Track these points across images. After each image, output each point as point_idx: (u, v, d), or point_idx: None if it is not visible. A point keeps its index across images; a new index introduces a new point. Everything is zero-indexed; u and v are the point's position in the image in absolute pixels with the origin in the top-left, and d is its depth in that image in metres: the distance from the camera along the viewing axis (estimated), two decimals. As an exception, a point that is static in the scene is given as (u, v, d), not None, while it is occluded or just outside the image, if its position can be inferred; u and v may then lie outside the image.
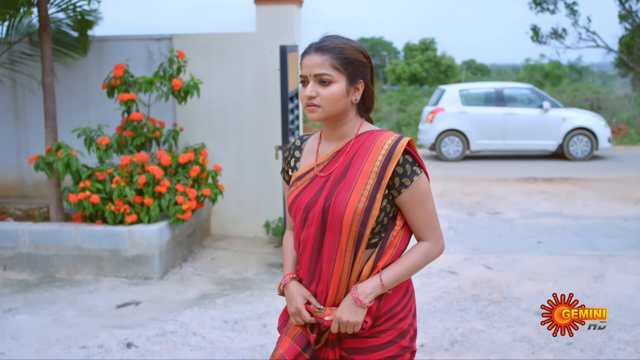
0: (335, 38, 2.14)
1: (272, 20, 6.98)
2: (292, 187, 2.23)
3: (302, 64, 2.13)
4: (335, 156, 2.18)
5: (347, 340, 2.20)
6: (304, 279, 2.23)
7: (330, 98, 2.08)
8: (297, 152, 2.31)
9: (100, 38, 7.24)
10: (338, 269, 2.12)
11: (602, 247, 7.09)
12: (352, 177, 2.11)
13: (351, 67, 2.10)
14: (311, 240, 2.15)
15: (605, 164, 13.49)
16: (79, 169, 6.00)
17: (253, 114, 7.17)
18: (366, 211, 2.08)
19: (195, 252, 6.83)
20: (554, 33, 18.92)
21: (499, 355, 4.43)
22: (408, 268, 2.16)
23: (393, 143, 2.12)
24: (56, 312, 5.16)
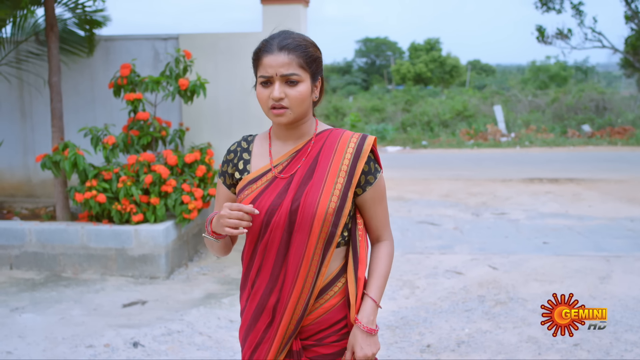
0: (293, 34, 2.06)
1: (279, 20, 6.97)
2: (246, 190, 2.12)
3: (263, 63, 2.01)
4: (295, 156, 2.11)
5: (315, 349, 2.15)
6: (263, 288, 2.10)
7: (299, 98, 2.01)
8: (246, 154, 2.18)
9: (106, 37, 7.25)
10: (304, 272, 2.05)
11: (608, 248, 7.07)
12: (320, 177, 2.06)
13: (314, 64, 2.06)
14: (277, 243, 2.06)
15: (611, 164, 13.45)
16: (86, 168, 6.01)
17: (259, 113, 7.13)
18: (338, 210, 2.04)
19: (201, 252, 6.83)
20: (559, 33, 18.88)
21: (506, 356, 4.42)
22: (385, 277, 2.17)
23: (359, 141, 2.10)
24: (62, 311, 5.17)
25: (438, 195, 10.50)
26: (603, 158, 14.59)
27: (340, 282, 2.14)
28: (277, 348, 2.12)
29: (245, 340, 2.19)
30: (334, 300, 2.13)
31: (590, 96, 23.44)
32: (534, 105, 24.31)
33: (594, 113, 22.36)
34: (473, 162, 14.27)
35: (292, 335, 2.11)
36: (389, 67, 45.11)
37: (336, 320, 2.13)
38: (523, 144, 17.40)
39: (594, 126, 20.15)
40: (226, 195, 2.24)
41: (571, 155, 15.29)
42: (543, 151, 16.23)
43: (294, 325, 2.10)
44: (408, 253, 6.95)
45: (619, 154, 15.38)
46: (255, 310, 2.14)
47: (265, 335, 2.13)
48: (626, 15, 18.70)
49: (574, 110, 22.72)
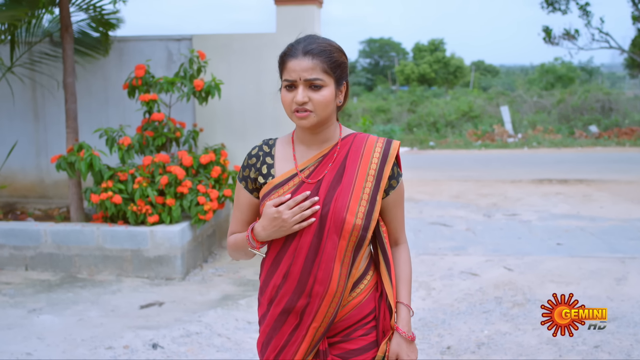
0: (318, 39, 2.07)
1: (293, 20, 6.96)
2: (272, 194, 2.10)
3: (287, 67, 2.03)
4: (322, 161, 2.12)
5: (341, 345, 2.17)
6: (290, 294, 2.09)
7: (323, 103, 2.01)
8: (269, 159, 2.17)
9: (120, 38, 7.25)
10: (336, 276, 2.06)
11: (622, 250, 7.05)
12: (349, 182, 2.07)
13: (338, 69, 2.06)
14: (306, 248, 2.05)
15: (620, 165, 13.42)
16: (102, 169, 6.01)
17: (273, 114, 7.15)
18: (367, 214, 2.06)
19: (215, 253, 6.83)
20: (566, 34, 18.86)
21: (527, 357, 4.40)
22: (411, 281, 2.23)
23: (385, 145, 2.13)
24: (80, 313, 5.16)
25: (448, 196, 10.48)
26: (612, 159, 14.56)
27: (365, 279, 2.16)
28: (305, 350, 2.12)
29: (268, 345, 2.17)
30: (360, 297, 2.14)
31: (596, 97, 23.41)
32: (539, 106, 24.28)
33: (600, 114, 22.33)
34: (481, 163, 14.25)
35: (322, 336, 2.12)
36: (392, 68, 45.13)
37: (363, 315, 2.15)
38: (531, 144, 17.38)
39: (601, 127, 20.12)
40: (248, 200, 2.22)
41: (580, 156, 15.27)
42: (551, 152, 16.21)
43: (324, 328, 2.11)
44: (422, 254, 6.93)
45: (628, 154, 15.35)
46: (281, 314, 2.12)
47: (291, 337, 2.13)
48: (634, 16, 18.68)
49: (580, 111, 22.70)
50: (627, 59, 24.40)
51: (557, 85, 30.86)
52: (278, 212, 2.02)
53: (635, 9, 18.36)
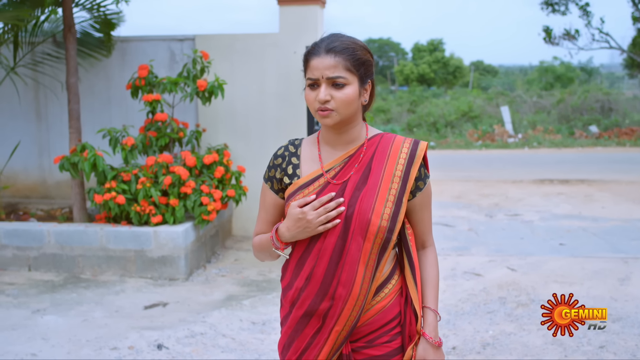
0: (342, 37, 2.04)
1: (295, 21, 6.97)
2: (297, 195, 2.09)
3: (310, 66, 2.01)
4: (348, 162, 2.09)
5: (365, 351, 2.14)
6: (313, 296, 2.07)
7: (345, 101, 1.99)
8: (294, 159, 2.16)
9: (122, 39, 7.24)
10: (359, 278, 2.03)
11: (625, 250, 7.05)
12: (374, 183, 2.04)
13: (362, 67, 2.03)
14: (330, 250, 2.04)
15: (621, 165, 13.43)
16: (105, 170, 6.00)
17: (275, 115, 7.16)
18: (393, 216, 2.03)
19: (219, 253, 6.82)
20: (566, 34, 18.87)
21: (533, 358, 4.40)
22: (438, 285, 2.19)
23: (412, 146, 2.09)
24: (84, 313, 5.16)
25: (450, 196, 10.48)
26: (612, 159, 14.56)
27: (390, 283, 2.13)
28: (327, 353, 2.10)
29: (290, 347, 2.15)
30: (385, 302, 2.11)
31: (595, 97, 23.42)
32: (539, 106, 24.29)
33: (600, 114, 22.34)
34: (482, 163, 14.24)
35: (345, 339, 2.10)
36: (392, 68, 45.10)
37: (387, 320, 2.12)
38: (531, 144, 17.39)
39: (601, 127, 20.14)
40: (274, 200, 2.21)
41: (580, 156, 15.28)
42: (552, 152, 16.22)
43: (347, 331, 2.08)
44: (425, 254, 6.92)
45: (628, 155, 15.36)
46: (303, 316, 2.10)
47: (313, 340, 2.11)
48: (634, 16, 18.69)
49: (580, 111, 22.70)
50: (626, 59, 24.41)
51: (557, 85, 30.88)
52: (303, 213, 2.00)
53: (635, 9, 18.38)
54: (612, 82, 38.48)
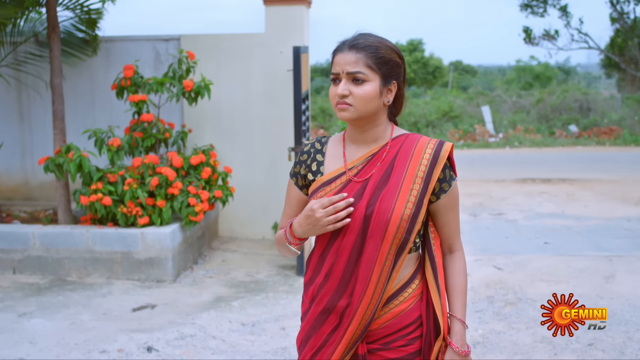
0: (369, 36, 2.06)
1: (281, 21, 6.95)
2: (319, 192, 2.10)
3: (334, 61, 2.05)
4: (371, 160, 2.09)
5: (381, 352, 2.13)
6: (332, 293, 2.09)
7: (364, 97, 1.99)
8: (319, 156, 2.17)
9: (107, 39, 7.18)
10: (375, 277, 2.03)
11: (608, 248, 7.12)
12: (396, 183, 2.03)
13: (385, 67, 2.03)
14: (349, 248, 2.04)
15: (602, 164, 13.57)
16: (91, 171, 5.94)
17: (262, 115, 7.14)
18: (412, 217, 2.02)
19: (205, 255, 6.79)
20: (546, 34, 19.04)
21: (523, 356, 4.43)
22: (466, 292, 2.17)
23: (436, 147, 2.07)
24: (72, 316, 5.10)
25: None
26: (593, 158, 14.69)
27: (410, 287, 2.11)
28: (342, 351, 2.09)
29: (307, 343, 2.16)
30: (404, 305, 2.10)
31: (574, 97, 23.60)
32: (518, 105, 24.44)
33: (578, 113, 22.53)
34: (465, 163, 14.28)
35: (358, 339, 2.09)
36: (372, 68, 45.10)
37: (405, 324, 2.10)
38: (512, 144, 17.51)
39: (580, 126, 20.31)
40: (298, 196, 2.23)
41: (561, 156, 15.40)
42: (533, 151, 16.33)
43: (362, 330, 2.08)
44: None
45: (608, 154, 15.50)
46: (322, 313, 2.11)
47: (330, 338, 2.11)
48: (612, 17, 18.91)
49: (559, 110, 22.87)
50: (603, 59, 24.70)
51: (535, 84, 31.09)
52: (312, 210, 2.01)
53: (613, 10, 18.58)
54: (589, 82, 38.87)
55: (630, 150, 16.27)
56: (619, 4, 18.49)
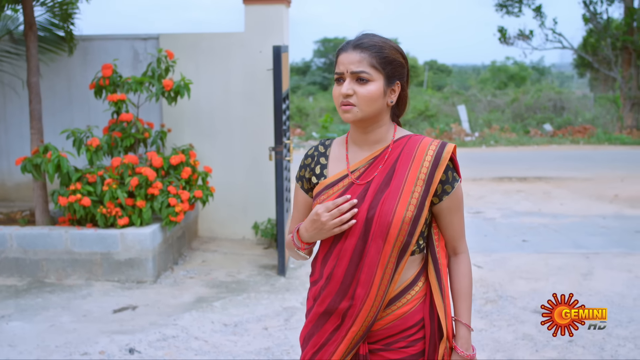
0: (373, 36, 2.05)
1: (261, 20, 6.93)
2: (322, 195, 2.10)
3: (338, 61, 2.03)
4: (373, 162, 2.08)
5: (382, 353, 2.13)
6: (333, 295, 2.08)
7: (368, 97, 1.99)
8: (323, 159, 2.17)
9: (84, 37, 7.09)
10: (377, 280, 2.02)
11: (586, 245, 7.21)
12: (397, 185, 2.02)
13: (389, 67, 2.03)
14: (350, 251, 2.04)
15: (576, 163, 13.73)
16: (70, 171, 5.87)
17: (241, 114, 7.11)
18: (414, 220, 2.01)
19: (185, 255, 6.74)
20: (521, 34, 19.23)
21: (504, 354, 4.47)
22: (471, 296, 2.16)
23: (438, 149, 2.05)
24: (51, 318, 5.04)
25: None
26: (567, 157, 14.87)
27: (413, 290, 2.10)
28: (344, 351, 2.09)
29: (309, 341, 2.17)
30: (407, 307, 2.09)
31: (548, 96, 23.86)
32: (493, 105, 24.65)
33: (552, 112, 22.78)
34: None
35: (360, 339, 2.09)
36: (347, 67, 45.15)
37: (407, 326, 2.10)
38: (488, 143, 17.65)
39: (554, 125, 20.55)
40: (304, 200, 2.23)
41: (537, 154, 15.56)
42: (508, 150, 16.49)
43: (364, 331, 2.08)
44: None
45: (582, 152, 15.70)
46: (324, 313, 2.12)
47: (332, 337, 2.11)
48: (585, 17, 19.16)
49: (533, 109, 23.11)
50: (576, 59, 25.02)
51: (510, 84, 31.38)
52: (317, 215, 2.01)
53: (586, 10, 18.82)
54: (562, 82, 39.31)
55: (604, 149, 16.49)
56: (591, 5, 18.75)
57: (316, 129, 21.13)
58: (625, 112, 18.99)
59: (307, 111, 24.97)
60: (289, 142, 6.27)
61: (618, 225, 8.21)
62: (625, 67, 18.67)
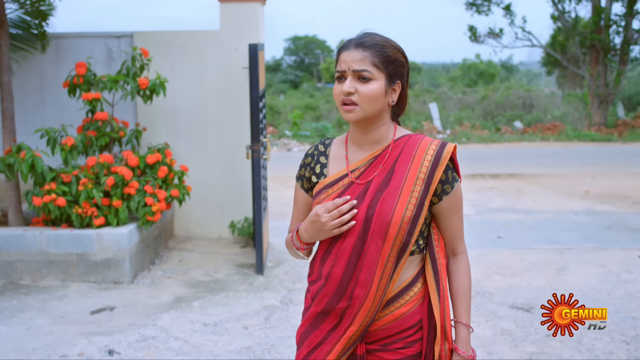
0: (375, 35, 2.05)
1: (237, 18, 6.90)
2: (322, 194, 2.09)
3: (339, 59, 2.02)
4: (373, 162, 2.07)
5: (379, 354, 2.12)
6: (331, 295, 2.07)
7: (369, 96, 1.98)
8: (323, 158, 2.16)
9: (57, 35, 6.98)
10: (377, 279, 2.02)
11: (559, 241, 7.32)
12: (397, 184, 2.02)
13: (391, 66, 2.02)
14: (349, 251, 2.03)
15: (547, 160, 13.93)
16: (44, 171, 5.78)
17: (217, 112, 7.07)
18: (414, 219, 2.00)
19: (162, 255, 6.69)
20: (491, 33, 19.42)
21: (484, 349, 4.51)
22: (470, 296, 2.16)
23: (438, 148, 2.05)
24: (28, 321, 4.96)
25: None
26: (538, 154, 15.08)
27: (412, 290, 2.09)
28: (340, 350, 2.09)
29: (305, 339, 2.15)
30: (405, 308, 2.08)
31: (517, 94, 24.16)
32: (464, 102, 24.88)
33: (522, 110, 23.07)
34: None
35: (357, 339, 2.08)
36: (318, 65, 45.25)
37: (405, 327, 2.09)
38: (460, 140, 17.79)
39: (524, 122, 20.81)
40: (304, 199, 2.22)
41: (508, 151, 15.74)
42: (480, 147, 16.64)
43: (361, 331, 2.07)
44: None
45: (553, 149, 15.94)
46: (321, 312, 2.11)
47: (328, 336, 2.10)
48: (553, 15, 19.41)
49: (503, 107, 23.37)
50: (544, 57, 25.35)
51: (480, 82, 31.66)
52: (317, 215, 2.01)
53: (555, 9, 19.07)
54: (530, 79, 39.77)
55: (573, 146, 16.75)
56: (560, 3, 19.00)
57: (288, 127, 21.11)
58: (593, 110, 19.30)
59: (279, 109, 24.94)
60: (267, 141, 6.25)
61: (590, 221, 8.35)
62: (593, 65, 18.96)
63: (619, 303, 5.28)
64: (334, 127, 21.82)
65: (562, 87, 28.63)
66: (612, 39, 18.66)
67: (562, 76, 27.72)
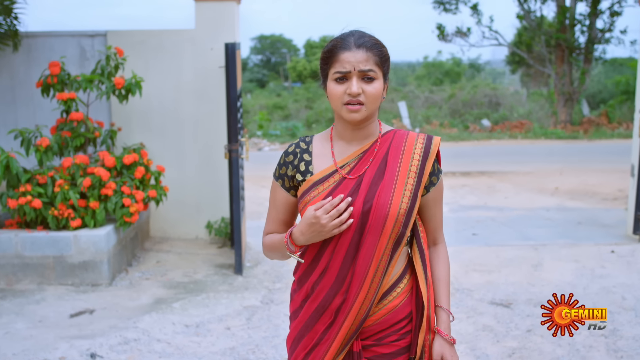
0: (369, 35, 2.07)
1: (212, 17, 6.85)
2: (312, 191, 2.08)
3: (340, 59, 2.00)
4: (363, 157, 2.09)
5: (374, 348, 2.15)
6: (327, 290, 2.08)
7: (374, 95, 2.01)
8: (306, 155, 2.15)
9: (28, 34, 6.85)
10: (372, 273, 2.04)
11: (533, 237, 7.42)
12: (391, 178, 2.05)
13: (386, 64, 2.07)
14: (346, 245, 2.04)
15: (516, 157, 14.10)
16: (19, 172, 5.68)
17: (193, 112, 7.01)
18: (409, 211, 2.05)
19: (139, 256, 6.61)
20: (458, 32, 19.60)
21: (467, 345, 4.56)
22: (449, 282, 2.22)
23: (426, 142, 2.11)
24: (5, 325, 4.86)
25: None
26: (507, 151, 15.27)
27: (402, 283, 2.14)
28: (337, 349, 2.10)
29: (300, 342, 2.15)
30: (397, 301, 2.12)
31: (483, 92, 24.41)
32: (431, 101, 25.05)
33: (488, 108, 23.32)
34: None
35: (353, 335, 2.10)
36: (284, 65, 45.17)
37: (397, 320, 2.13)
38: (429, 138, 17.92)
39: (491, 120, 21.04)
40: (285, 198, 2.19)
41: (477, 149, 15.91)
42: (449, 145, 16.77)
43: (356, 327, 2.09)
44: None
45: (521, 147, 16.15)
46: (315, 311, 2.11)
47: (324, 336, 2.11)
48: (519, 15, 19.66)
49: (470, 105, 23.59)
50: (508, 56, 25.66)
51: (446, 80, 31.91)
52: (316, 217, 1.99)
53: (521, 9, 19.32)
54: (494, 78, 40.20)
55: (540, 143, 17.00)
56: (525, 3, 19.26)
57: (256, 127, 21.04)
58: (559, 108, 19.61)
59: (247, 108, 24.82)
60: (245, 140, 6.23)
61: (561, 217, 8.48)
62: (559, 64, 19.26)
63: (595, 298, 5.37)
64: (303, 126, 21.81)
65: (526, 85, 29.03)
66: (577, 38, 18.97)
67: (526, 75, 28.10)
